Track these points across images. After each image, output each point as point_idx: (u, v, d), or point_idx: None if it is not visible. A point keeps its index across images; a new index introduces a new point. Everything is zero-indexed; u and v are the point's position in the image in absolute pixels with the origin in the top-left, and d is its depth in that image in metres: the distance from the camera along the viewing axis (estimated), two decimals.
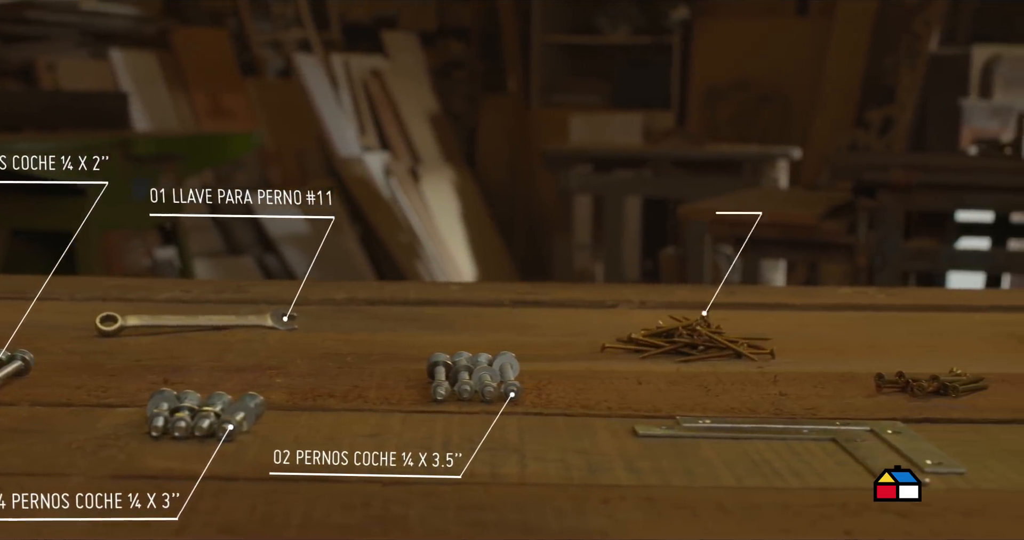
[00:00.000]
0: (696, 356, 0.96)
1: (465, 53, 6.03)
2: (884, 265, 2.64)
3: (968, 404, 0.83)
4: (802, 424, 0.76)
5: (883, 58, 5.26)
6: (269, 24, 5.39)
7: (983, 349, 1.02)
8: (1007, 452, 0.72)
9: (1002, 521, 0.60)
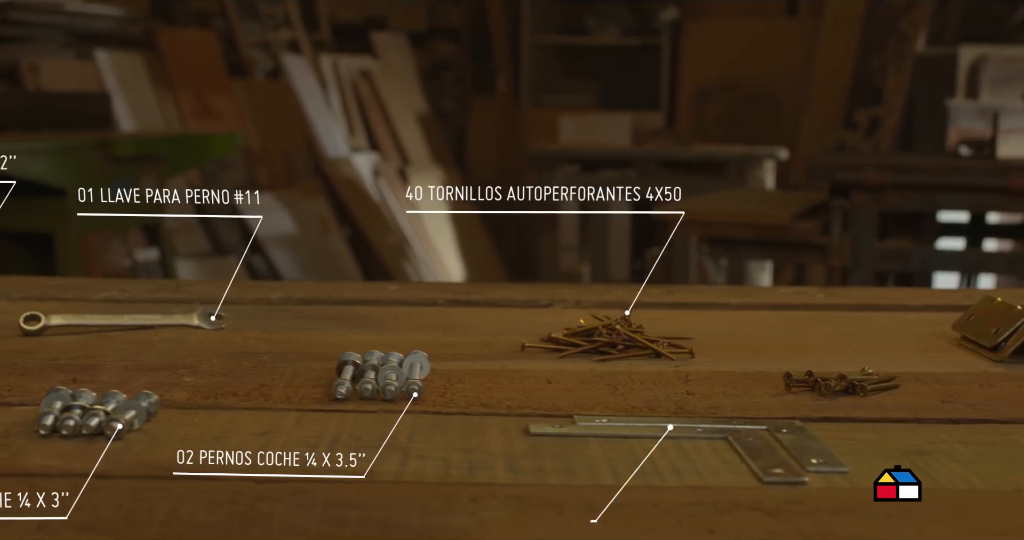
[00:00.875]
0: (614, 355, 0.96)
1: (455, 54, 6.03)
2: (858, 265, 2.63)
3: (873, 403, 0.82)
4: (699, 423, 0.76)
5: (871, 59, 5.25)
6: (258, 25, 5.39)
7: (908, 349, 1.02)
8: (898, 451, 0.71)
9: (869, 520, 0.60)
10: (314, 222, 4.95)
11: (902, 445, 0.73)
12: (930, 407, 0.82)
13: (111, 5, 4.62)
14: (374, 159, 5.49)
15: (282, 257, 4.71)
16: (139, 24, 4.69)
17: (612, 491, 0.63)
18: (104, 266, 3.46)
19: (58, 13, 4.29)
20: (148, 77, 4.60)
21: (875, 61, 5.20)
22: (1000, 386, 0.88)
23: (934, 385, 0.88)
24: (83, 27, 4.44)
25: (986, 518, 0.60)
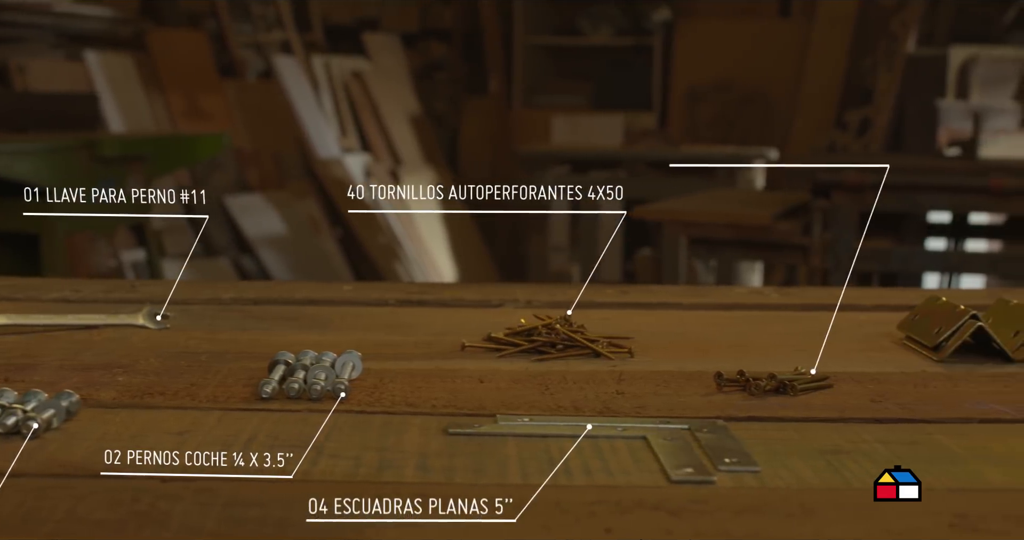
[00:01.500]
0: (553, 355, 0.96)
1: (447, 54, 6.03)
2: (838, 266, 2.63)
3: (802, 403, 0.82)
4: (621, 423, 0.76)
5: (862, 59, 5.25)
6: (249, 25, 5.39)
7: (850, 348, 1.01)
8: (816, 450, 0.71)
9: (770, 519, 0.59)
10: (304, 223, 4.95)
11: (821, 445, 0.72)
12: (859, 407, 0.82)
13: (101, 6, 4.62)
14: (366, 160, 5.49)
15: (272, 258, 4.71)
16: (129, 25, 4.69)
17: (518, 490, 0.62)
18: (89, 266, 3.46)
19: (47, 14, 4.29)
20: (138, 78, 4.60)
21: (866, 62, 5.20)
22: (935, 386, 0.88)
23: (868, 385, 0.88)
24: (73, 28, 4.44)
25: (889, 518, 0.60)
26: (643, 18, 5.81)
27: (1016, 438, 0.75)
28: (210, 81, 4.92)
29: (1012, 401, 0.84)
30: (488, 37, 6.00)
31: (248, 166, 4.88)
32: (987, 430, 0.77)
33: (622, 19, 5.90)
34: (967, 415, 0.80)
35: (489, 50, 6.01)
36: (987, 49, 4.76)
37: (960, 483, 0.66)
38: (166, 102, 4.67)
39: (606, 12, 5.91)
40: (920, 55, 4.91)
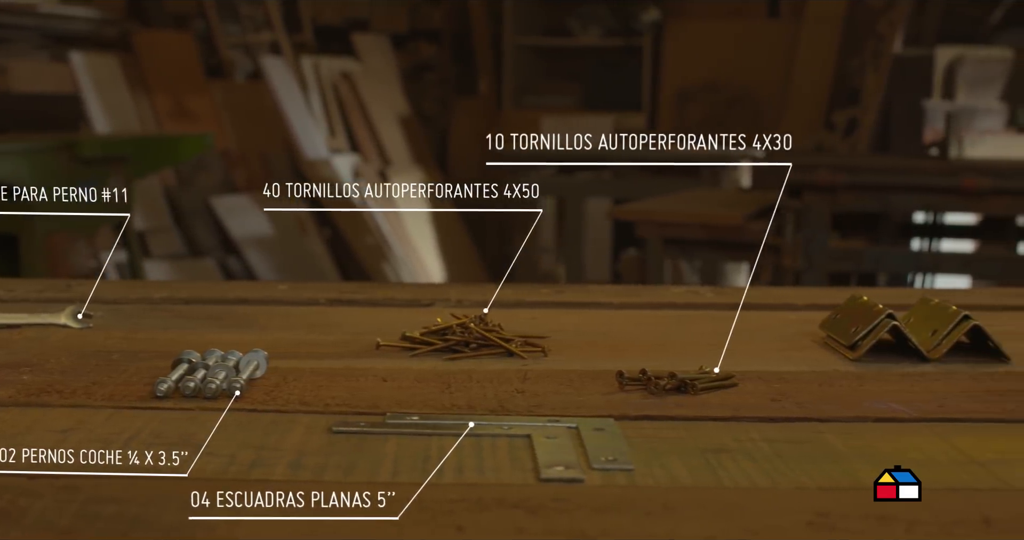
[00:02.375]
0: (466, 354, 0.95)
1: (436, 55, 6.03)
2: (810, 266, 2.63)
3: (700, 402, 0.82)
4: (509, 421, 0.76)
5: (850, 60, 5.25)
6: (238, 26, 5.39)
7: (769, 347, 1.01)
8: (699, 449, 0.71)
9: (626, 517, 0.59)
10: (291, 223, 4.95)
11: (706, 443, 0.72)
12: (756, 405, 0.81)
13: (86, 7, 4.62)
14: (355, 160, 5.49)
15: (258, 258, 4.71)
16: (115, 26, 4.69)
17: (380, 487, 0.62)
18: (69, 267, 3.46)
19: (32, 15, 4.29)
20: (123, 79, 4.60)
21: (854, 62, 5.19)
22: (840, 385, 0.88)
23: (774, 383, 0.88)
24: (58, 29, 4.45)
25: (748, 516, 0.60)
26: (632, 19, 5.81)
27: (905, 437, 0.75)
28: (196, 82, 4.93)
29: (914, 401, 0.84)
30: (477, 38, 6.00)
31: (235, 167, 4.88)
32: (879, 429, 0.77)
33: (611, 20, 5.90)
34: (863, 414, 0.80)
35: (478, 51, 6.00)
36: (973, 50, 4.74)
37: (832, 482, 0.66)
38: (152, 103, 4.68)
39: (595, 13, 5.91)
40: (907, 55, 4.90)
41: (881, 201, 2.61)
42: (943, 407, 0.82)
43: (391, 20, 5.96)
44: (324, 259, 5.02)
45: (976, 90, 4.77)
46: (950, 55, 4.75)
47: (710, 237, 2.71)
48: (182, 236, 4.58)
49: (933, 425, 0.78)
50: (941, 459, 0.70)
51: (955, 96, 4.78)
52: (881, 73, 4.88)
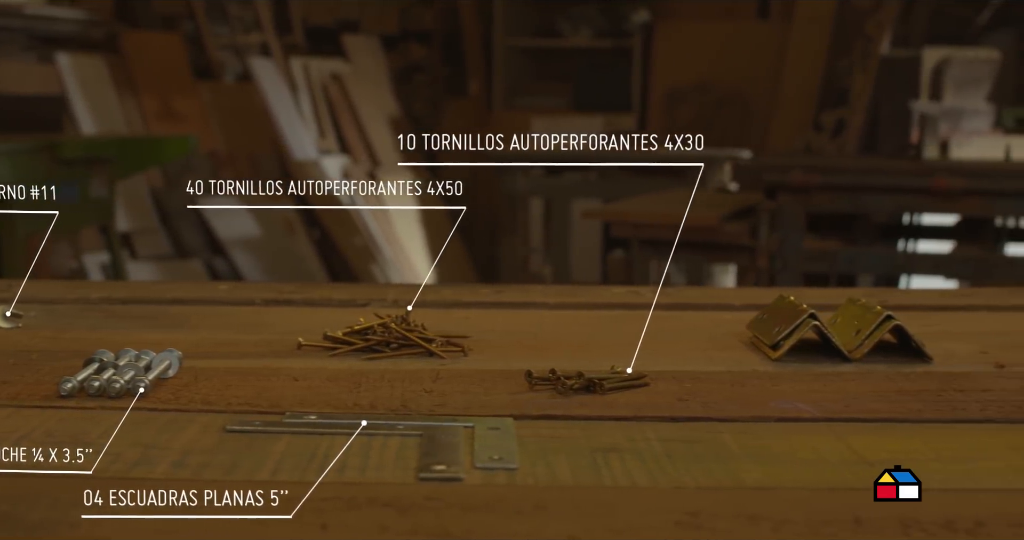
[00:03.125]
0: (386, 354, 0.95)
1: (427, 56, 6.03)
2: (785, 266, 2.63)
3: (605, 402, 0.82)
4: (403, 420, 0.76)
5: (839, 61, 5.24)
6: (227, 27, 5.40)
7: (694, 347, 1.01)
8: (590, 449, 0.71)
9: (494, 517, 0.59)
10: (278, 224, 4.95)
11: (600, 443, 0.72)
12: (660, 405, 0.81)
13: (73, 9, 4.63)
14: (344, 161, 5.49)
15: (244, 259, 4.71)
16: (102, 27, 4.69)
17: (259, 486, 0.62)
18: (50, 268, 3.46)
19: (18, 16, 4.30)
20: (110, 80, 4.61)
21: (843, 63, 5.19)
22: (753, 385, 0.88)
23: (686, 383, 0.88)
24: (44, 30, 4.45)
25: (616, 515, 0.60)
26: (622, 20, 5.81)
27: (801, 437, 0.75)
28: (184, 83, 4.93)
29: (822, 400, 0.83)
30: (468, 39, 6.00)
31: (223, 168, 4.89)
32: (778, 429, 0.77)
33: (602, 21, 5.90)
34: (766, 414, 0.80)
35: (469, 52, 6.01)
36: (961, 51, 4.74)
37: (714, 482, 0.66)
38: (139, 104, 4.68)
39: (586, 14, 5.91)
40: (894, 56, 4.89)
41: (855, 202, 2.60)
42: (849, 407, 0.82)
43: (382, 21, 5.96)
44: (311, 260, 5.03)
45: (963, 91, 4.76)
46: (937, 56, 4.74)
47: (685, 238, 2.71)
48: (168, 237, 4.58)
49: (834, 425, 0.78)
50: (832, 459, 0.70)
51: (942, 97, 4.77)
52: (869, 74, 4.88)
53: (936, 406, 0.83)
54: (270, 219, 4.92)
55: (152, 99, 4.72)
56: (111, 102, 4.58)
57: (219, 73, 5.27)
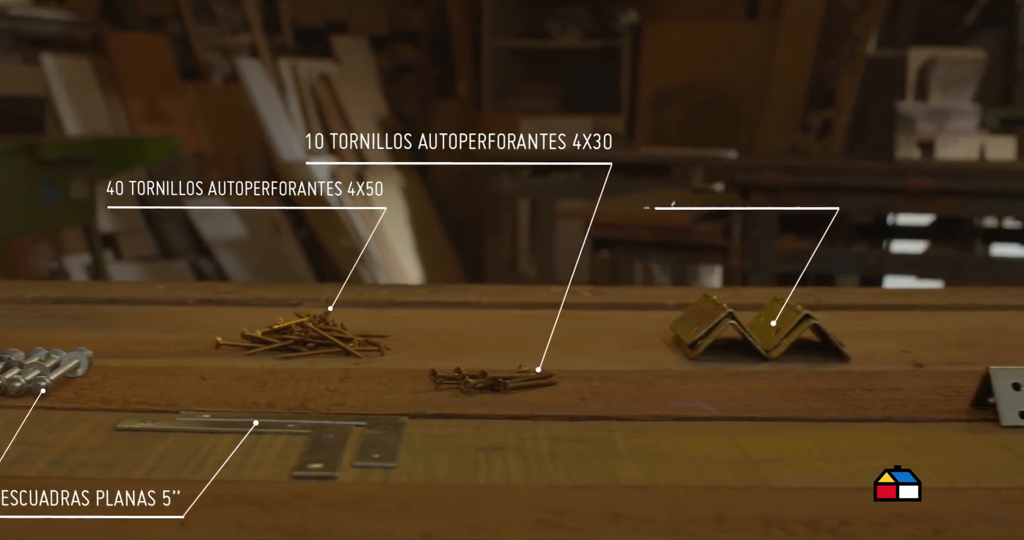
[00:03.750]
0: (303, 353, 0.96)
1: (416, 57, 6.03)
2: (757, 267, 2.63)
3: (507, 401, 0.82)
4: (294, 419, 0.76)
5: (826, 61, 5.24)
6: (215, 28, 5.40)
7: (614, 347, 1.01)
8: (475, 448, 0.71)
9: (357, 515, 0.59)
10: (265, 225, 4.95)
11: (488, 442, 0.72)
12: (560, 404, 0.81)
13: (59, 10, 4.63)
14: (331, 162, 5.49)
15: (230, 260, 4.71)
16: (87, 28, 4.70)
17: (135, 483, 0.62)
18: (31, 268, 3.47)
19: (3, 17, 4.30)
20: (96, 81, 4.61)
21: (830, 64, 5.19)
22: (661, 384, 0.88)
23: (593, 382, 0.88)
24: (29, 31, 4.46)
25: (478, 513, 0.60)
26: (611, 21, 5.81)
27: (693, 436, 0.75)
28: (170, 84, 4.93)
29: (727, 400, 0.83)
30: (457, 40, 6.00)
31: (209, 169, 4.89)
32: (672, 428, 0.77)
33: (591, 22, 5.90)
34: (665, 413, 0.80)
35: (458, 53, 6.01)
36: (946, 51, 4.74)
37: (590, 480, 0.66)
38: (125, 105, 4.68)
39: (574, 15, 5.91)
40: (880, 57, 4.89)
41: (827, 202, 2.60)
42: (751, 406, 0.82)
43: (371, 22, 5.96)
44: (298, 261, 5.03)
45: (949, 91, 4.76)
46: (923, 56, 4.74)
47: (658, 238, 2.71)
48: (154, 238, 4.58)
49: (730, 424, 0.78)
50: (717, 458, 0.70)
51: (928, 97, 4.77)
52: (855, 74, 4.88)
53: (838, 405, 0.83)
54: (257, 220, 4.92)
55: (138, 100, 4.72)
56: (96, 103, 4.58)
57: (206, 74, 5.28)
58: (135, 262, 4.44)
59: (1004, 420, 0.79)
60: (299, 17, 5.88)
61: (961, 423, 0.79)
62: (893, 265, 2.72)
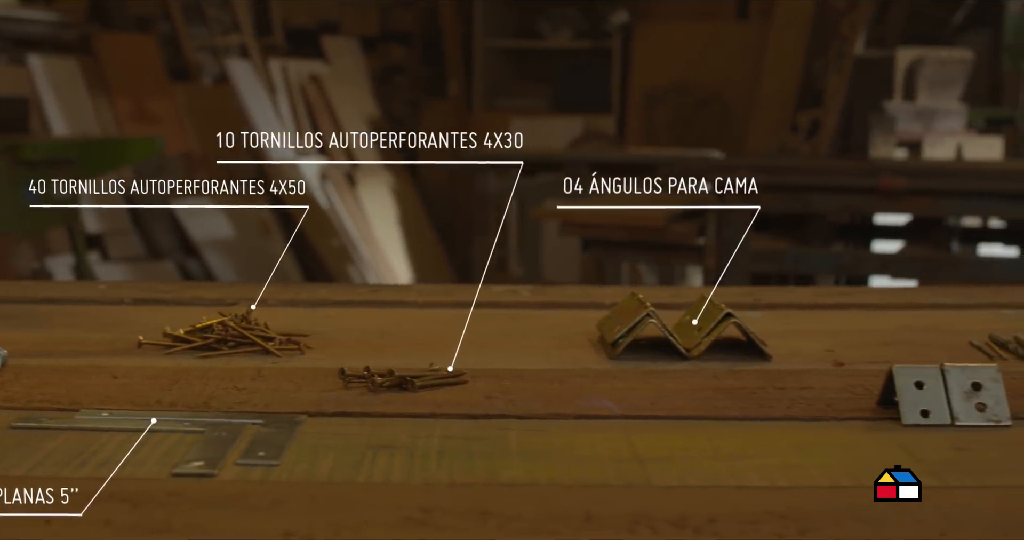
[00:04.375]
0: (223, 352, 0.96)
1: (407, 57, 6.03)
2: (731, 266, 2.63)
3: (412, 399, 0.82)
4: (196, 418, 0.76)
5: (815, 61, 5.24)
6: (205, 29, 5.40)
7: (538, 346, 1.01)
8: (366, 446, 0.71)
9: (220, 511, 0.60)
10: (253, 225, 4.95)
11: (379, 440, 0.73)
12: (464, 402, 0.82)
13: (46, 10, 4.64)
14: (321, 163, 5.49)
15: (217, 260, 4.71)
16: (74, 29, 4.70)
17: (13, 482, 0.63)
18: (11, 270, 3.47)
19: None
20: (83, 82, 4.61)
21: (819, 64, 5.19)
22: (572, 383, 0.88)
23: (504, 381, 0.88)
24: (16, 32, 4.46)
25: (346, 511, 0.60)
26: (602, 21, 5.81)
27: (588, 435, 0.75)
28: (159, 85, 4.94)
29: (633, 398, 0.83)
30: (448, 40, 6.00)
31: (197, 169, 4.89)
32: (570, 427, 0.77)
33: (581, 22, 5.90)
34: (568, 411, 0.80)
35: (449, 53, 6.01)
36: (933, 51, 4.73)
37: (468, 479, 0.66)
38: (112, 106, 4.69)
39: (565, 15, 5.91)
40: (868, 57, 4.89)
41: (801, 202, 2.60)
42: (655, 405, 0.82)
43: (362, 22, 5.97)
44: (286, 261, 5.03)
45: (937, 91, 4.76)
46: (910, 56, 4.74)
47: (632, 238, 2.71)
48: (141, 238, 4.59)
49: (630, 422, 0.78)
50: (605, 456, 0.70)
51: (916, 97, 4.77)
52: (843, 75, 4.88)
53: (743, 404, 0.83)
54: (245, 220, 4.93)
55: (125, 101, 4.73)
56: (84, 104, 4.58)
57: (196, 75, 5.28)
58: (122, 262, 4.44)
59: (905, 419, 0.79)
60: (290, 18, 5.89)
61: (863, 422, 0.80)
62: (868, 265, 2.72)
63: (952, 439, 0.75)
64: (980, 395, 0.80)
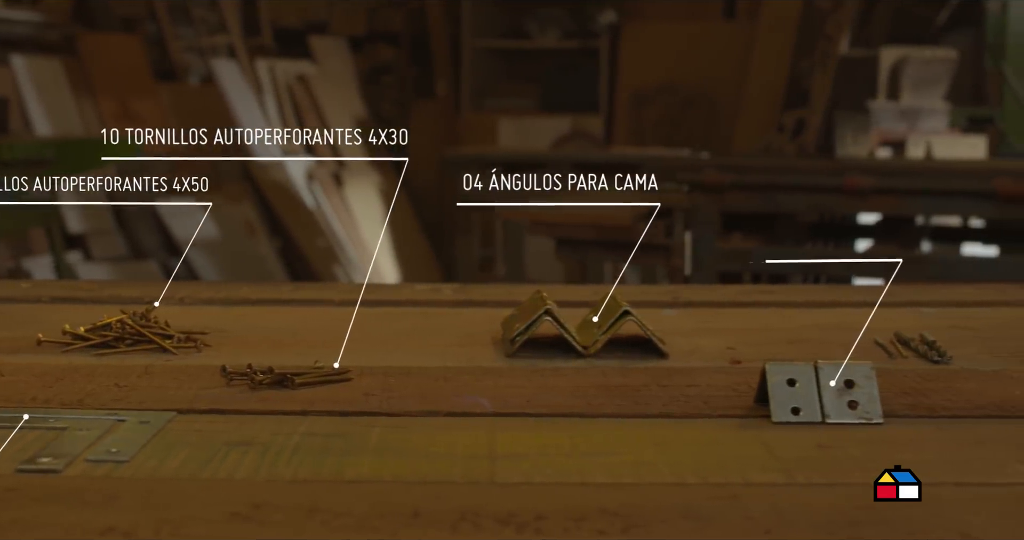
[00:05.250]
0: (120, 349, 0.96)
1: (395, 58, 6.04)
2: (699, 266, 2.63)
3: (288, 397, 0.83)
4: (64, 415, 0.76)
5: (801, 61, 5.24)
6: (191, 29, 5.41)
7: (436, 343, 1.02)
8: (224, 443, 0.72)
9: (55, 507, 0.60)
10: (238, 226, 4.96)
11: (239, 437, 0.73)
12: (339, 400, 0.82)
13: (29, 11, 4.65)
14: (308, 163, 5.49)
15: (203, 261, 4.72)
16: (58, 29, 4.71)
17: None
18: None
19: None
20: (67, 82, 4.62)
21: (805, 63, 5.18)
22: (458, 381, 0.88)
23: (390, 378, 0.88)
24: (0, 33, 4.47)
25: (174, 506, 0.60)
26: (590, 21, 5.81)
27: (451, 432, 0.75)
28: (144, 85, 4.95)
29: (512, 397, 0.84)
30: (436, 40, 6.01)
31: (181, 168, 4.89)
32: (436, 424, 0.77)
33: (569, 22, 5.90)
34: (440, 409, 0.80)
35: (437, 53, 6.02)
36: (918, 50, 4.73)
37: (310, 475, 0.66)
38: (96, 106, 4.70)
39: (553, 15, 5.91)
40: (853, 56, 4.89)
41: (768, 201, 2.60)
42: (531, 402, 0.82)
43: (350, 23, 5.97)
44: (272, 261, 5.04)
45: (921, 91, 4.76)
46: (895, 56, 4.74)
47: (600, 237, 2.71)
48: (124, 238, 4.60)
49: (498, 420, 0.78)
50: (459, 453, 0.71)
51: (900, 97, 4.77)
52: (828, 74, 4.87)
53: (620, 401, 0.83)
54: (230, 220, 4.93)
55: (110, 101, 4.74)
56: (67, 104, 4.59)
57: (182, 75, 5.29)
58: (105, 263, 4.45)
59: (775, 416, 0.79)
60: (278, 18, 5.89)
61: (735, 419, 0.80)
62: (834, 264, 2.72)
63: (819, 437, 0.76)
64: (853, 393, 0.80)
